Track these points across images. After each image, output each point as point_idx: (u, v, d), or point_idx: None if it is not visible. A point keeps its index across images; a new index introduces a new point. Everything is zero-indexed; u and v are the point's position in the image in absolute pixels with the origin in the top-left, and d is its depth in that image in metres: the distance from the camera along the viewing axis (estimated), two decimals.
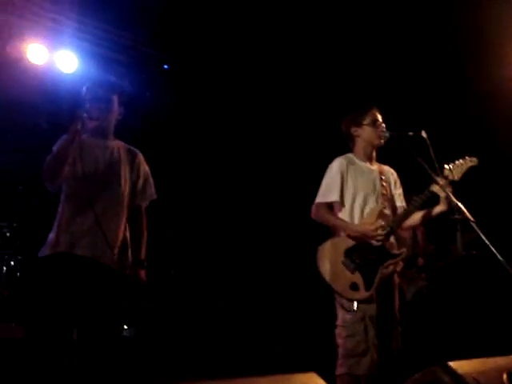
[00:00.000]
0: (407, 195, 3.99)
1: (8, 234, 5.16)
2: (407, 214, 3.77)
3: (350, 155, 4.00)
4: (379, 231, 3.67)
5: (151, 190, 3.67)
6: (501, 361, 2.64)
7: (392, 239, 3.81)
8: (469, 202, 3.41)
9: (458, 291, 5.25)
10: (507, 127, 5.78)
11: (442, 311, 5.36)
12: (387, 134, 3.91)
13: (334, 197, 3.84)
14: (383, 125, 3.97)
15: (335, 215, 3.84)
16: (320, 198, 3.89)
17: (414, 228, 5.28)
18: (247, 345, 5.87)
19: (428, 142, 3.66)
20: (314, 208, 3.89)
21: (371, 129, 3.93)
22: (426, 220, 3.91)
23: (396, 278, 3.86)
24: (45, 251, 3.29)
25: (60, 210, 3.38)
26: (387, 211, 3.86)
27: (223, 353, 5.64)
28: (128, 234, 3.52)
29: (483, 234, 3.16)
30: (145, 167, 3.66)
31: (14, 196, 5.39)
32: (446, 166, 3.71)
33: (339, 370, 3.56)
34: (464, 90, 6.13)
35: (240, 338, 5.97)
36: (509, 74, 5.97)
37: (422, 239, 5.54)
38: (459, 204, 3.39)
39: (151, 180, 3.68)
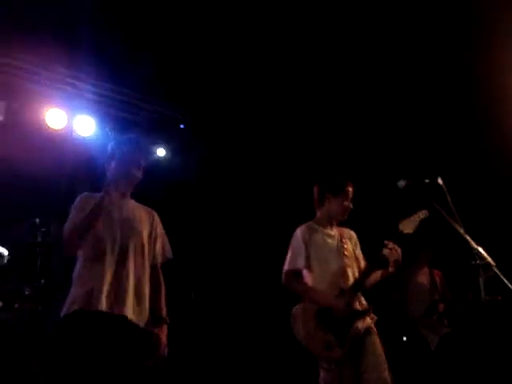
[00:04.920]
0: None
1: (27, 293, 5.11)
2: (364, 276, 4.00)
3: (310, 223, 4.24)
4: (344, 308, 3.86)
5: (168, 250, 3.69)
6: None
7: (359, 297, 4.01)
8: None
9: (483, 336, 5.15)
10: None
11: (469, 357, 5.25)
12: (403, 182, 3.90)
13: (300, 264, 4.06)
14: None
15: (303, 283, 4.04)
16: (287, 266, 4.10)
17: (431, 274, 5.36)
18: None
19: (445, 188, 3.66)
20: (283, 276, 4.11)
21: (343, 203, 4.17)
22: (384, 277, 4.10)
23: (373, 328, 3.99)
24: (72, 307, 3.22)
25: (80, 269, 3.34)
26: (351, 270, 4.08)
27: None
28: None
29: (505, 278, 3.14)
30: (161, 227, 3.70)
31: (35, 257, 5.40)
32: (400, 222, 3.93)
33: None
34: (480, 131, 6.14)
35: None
36: None
37: (440, 284, 5.50)
38: (480, 249, 3.36)
39: (167, 239, 3.71)
